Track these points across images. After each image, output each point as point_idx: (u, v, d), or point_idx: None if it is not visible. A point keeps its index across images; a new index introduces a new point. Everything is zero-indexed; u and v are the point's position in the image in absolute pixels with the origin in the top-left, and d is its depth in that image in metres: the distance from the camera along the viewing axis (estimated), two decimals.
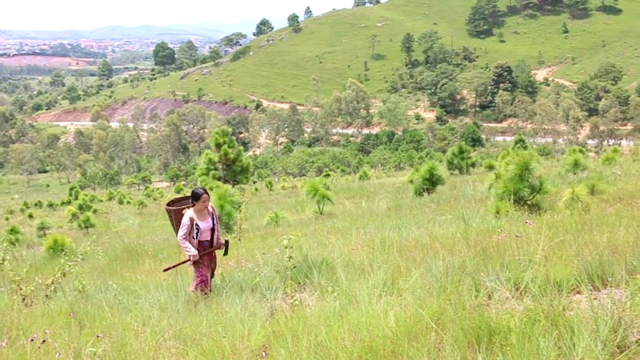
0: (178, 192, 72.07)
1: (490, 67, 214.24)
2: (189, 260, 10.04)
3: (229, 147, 45.09)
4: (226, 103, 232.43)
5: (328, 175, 66.19)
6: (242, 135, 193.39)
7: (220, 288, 9.96)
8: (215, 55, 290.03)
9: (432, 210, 20.13)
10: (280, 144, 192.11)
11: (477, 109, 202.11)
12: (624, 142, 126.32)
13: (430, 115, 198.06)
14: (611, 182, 22.31)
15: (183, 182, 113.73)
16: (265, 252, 12.83)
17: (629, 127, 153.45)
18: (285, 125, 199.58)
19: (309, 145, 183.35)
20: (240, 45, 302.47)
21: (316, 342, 5.93)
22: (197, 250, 10.11)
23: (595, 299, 6.14)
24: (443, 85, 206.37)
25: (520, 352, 5.04)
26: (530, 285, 6.68)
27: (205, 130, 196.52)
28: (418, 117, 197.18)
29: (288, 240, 9.06)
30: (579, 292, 6.76)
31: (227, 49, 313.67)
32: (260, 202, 40.15)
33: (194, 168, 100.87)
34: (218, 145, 45.09)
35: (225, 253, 10.87)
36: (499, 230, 10.85)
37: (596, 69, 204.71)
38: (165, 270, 10.84)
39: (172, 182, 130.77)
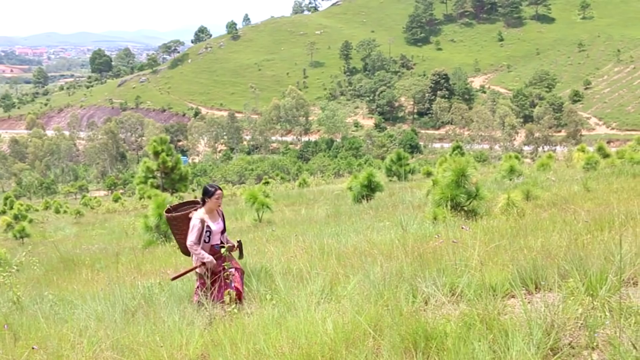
0: (116, 200, 71.25)
1: (428, 74, 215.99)
2: (201, 266, 9.10)
3: (167, 155, 44.78)
4: (164, 111, 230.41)
5: (267, 182, 66.06)
6: (180, 143, 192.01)
7: (158, 297, 9.85)
8: (153, 63, 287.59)
9: (370, 216, 20.25)
10: (219, 152, 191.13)
11: (415, 116, 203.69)
12: (558, 148, 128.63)
13: (368, 123, 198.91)
14: (546, 187, 22.70)
15: (121, 191, 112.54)
16: None
17: (563, 133, 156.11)
18: (224, 133, 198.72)
19: (248, 153, 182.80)
20: (178, 52, 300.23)
21: (255, 350, 5.93)
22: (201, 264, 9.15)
23: (529, 302, 6.25)
24: (381, 92, 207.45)
25: (456, 356, 5.11)
26: (466, 290, 6.78)
27: (144, 138, 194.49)
28: (357, 124, 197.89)
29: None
30: (513, 297, 6.87)
31: (165, 56, 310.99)
32: None
33: (132, 176, 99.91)
34: (156, 154, 44.75)
35: (241, 256, 9.73)
36: (436, 236, 10.97)
37: (531, 76, 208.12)
38: (174, 278, 9.71)
39: (109, 191, 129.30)
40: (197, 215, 9.10)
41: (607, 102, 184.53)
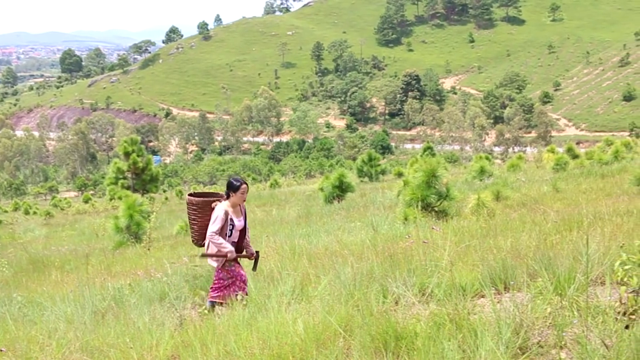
0: (86, 201, 70.79)
1: (399, 75, 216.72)
2: (225, 256, 8.56)
3: (138, 155, 44.58)
4: (135, 111, 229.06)
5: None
6: (151, 144, 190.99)
7: (128, 299, 9.80)
8: (124, 63, 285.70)
9: (341, 217, 20.28)
10: (191, 153, 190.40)
11: (387, 117, 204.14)
12: (528, 149, 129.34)
13: (340, 123, 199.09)
14: (515, 188, 22.88)
15: (91, 192, 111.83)
16: (174, 261, 12.74)
17: (533, 134, 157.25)
18: (196, 134, 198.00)
19: (220, 154, 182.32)
20: (150, 52, 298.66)
21: (225, 351, 5.92)
22: (222, 261, 8.67)
23: (498, 302, 6.28)
24: (353, 93, 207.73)
25: (426, 355, 5.13)
26: (436, 290, 6.80)
27: (114, 138, 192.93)
28: (328, 125, 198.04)
29: (199, 250, 9.01)
30: (483, 296, 6.91)
31: (136, 56, 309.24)
32: (171, 211, 39.80)
33: (103, 177, 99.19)
34: (127, 154, 44.54)
35: (255, 268, 9.19)
36: (407, 237, 11.00)
37: (501, 77, 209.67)
38: (203, 255, 8.94)
39: (80, 192, 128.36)
40: (222, 207, 8.66)
41: (576, 104, 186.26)
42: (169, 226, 28.22)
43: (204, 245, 8.87)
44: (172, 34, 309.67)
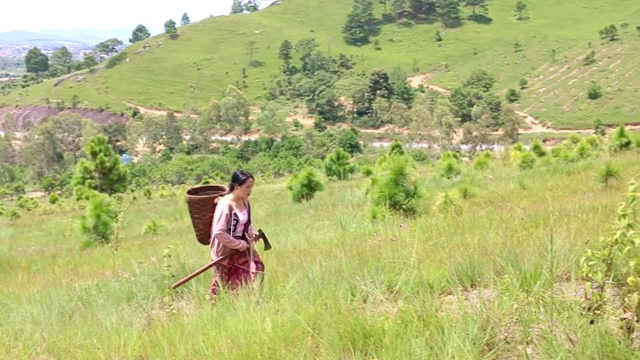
0: (53, 201, 70.14)
1: (367, 74, 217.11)
2: (222, 260, 8.34)
3: (105, 155, 44.34)
4: (102, 110, 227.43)
5: (207, 182, 65.75)
6: (119, 143, 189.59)
7: (95, 299, 9.73)
8: (91, 62, 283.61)
9: (310, 216, 20.31)
10: (159, 152, 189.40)
11: (355, 115, 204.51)
12: (495, 147, 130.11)
13: (308, 122, 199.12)
14: (483, 185, 23.05)
15: (58, 192, 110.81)
16: (142, 261, 12.68)
17: (500, 132, 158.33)
18: (163, 133, 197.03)
19: (188, 153, 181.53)
20: (116, 51, 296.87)
21: (193, 350, 5.91)
22: (224, 251, 8.40)
23: (465, 299, 6.32)
24: (321, 92, 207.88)
25: (394, 352, 5.15)
26: (403, 287, 6.83)
27: (81, 138, 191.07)
28: (297, 124, 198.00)
29: (168, 249, 8.95)
30: (450, 293, 6.94)
31: (102, 55, 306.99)
32: (138, 211, 39.60)
33: (70, 177, 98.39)
34: (94, 154, 44.33)
35: (267, 246, 8.92)
36: (375, 235, 11.05)
37: (468, 76, 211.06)
38: (175, 286, 8.70)
39: (46, 192, 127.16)
40: (225, 202, 8.33)
41: (542, 102, 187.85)
42: (137, 226, 28.09)
43: (209, 243, 8.59)
44: (139, 33, 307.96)
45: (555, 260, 6.92)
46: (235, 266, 8.44)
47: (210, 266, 8.51)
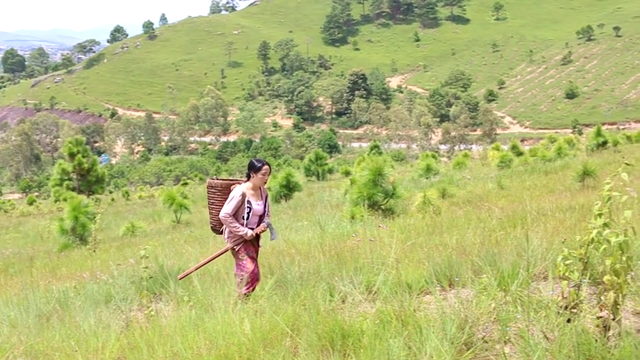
0: (30, 203, 69.63)
1: (346, 74, 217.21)
2: (232, 247, 8.08)
3: (83, 156, 44.13)
4: (80, 111, 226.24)
5: (186, 183, 65.66)
6: (97, 145, 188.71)
7: (73, 301, 9.67)
8: (68, 63, 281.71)
9: (289, 216, 20.30)
10: (137, 153, 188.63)
11: (334, 116, 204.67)
12: (474, 147, 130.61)
13: (287, 123, 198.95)
14: (461, 185, 23.13)
15: (36, 194, 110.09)
16: (120, 263, 12.62)
17: (479, 132, 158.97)
18: (142, 134, 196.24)
19: (166, 154, 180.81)
20: (94, 52, 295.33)
21: (172, 352, 5.89)
22: (239, 240, 8.09)
23: (443, 299, 6.35)
24: (300, 92, 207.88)
25: (372, 353, 5.16)
26: (382, 287, 6.85)
27: (59, 139, 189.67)
28: (275, 125, 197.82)
29: (144, 251, 8.91)
30: (429, 293, 6.96)
31: (80, 56, 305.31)
32: (117, 213, 39.41)
33: (48, 179, 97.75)
34: (72, 155, 44.10)
35: (273, 236, 8.47)
36: (354, 235, 11.07)
37: (447, 76, 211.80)
38: (181, 277, 8.54)
39: (24, 194, 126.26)
40: (240, 188, 8.08)
41: (520, 102, 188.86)
42: (115, 227, 27.96)
43: (222, 232, 8.37)
44: (117, 34, 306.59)
45: (533, 259, 6.98)
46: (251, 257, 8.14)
47: (216, 257, 8.43)
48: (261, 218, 8.27)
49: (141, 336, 6.53)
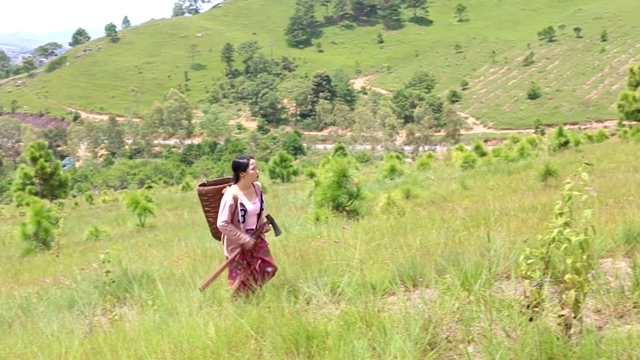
0: None
1: (310, 76, 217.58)
2: (236, 256, 7.67)
3: (45, 160, 43.70)
4: (42, 115, 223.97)
5: (150, 187, 65.21)
6: (60, 148, 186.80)
7: (36, 307, 9.57)
8: (30, 66, 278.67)
9: None
10: (100, 157, 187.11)
11: (298, 117, 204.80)
12: (438, 147, 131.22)
13: (252, 125, 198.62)
14: (425, 186, 23.23)
15: None
16: (84, 267, 12.51)
17: (443, 133, 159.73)
18: (105, 137, 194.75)
19: (130, 157, 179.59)
20: (56, 55, 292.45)
21: (136, 356, 5.86)
22: (239, 248, 7.70)
23: (408, 299, 6.37)
24: (264, 94, 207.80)
25: (337, 354, 5.16)
26: (346, 289, 6.87)
27: (21, 143, 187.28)
28: (240, 127, 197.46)
29: (105, 255, 8.83)
30: (393, 294, 6.99)
31: (41, 59, 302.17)
32: (80, 217, 39.04)
33: (10, 183, 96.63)
34: (34, 159, 43.63)
35: (277, 232, 8.05)
36: (318, 237, 11.08)
37: (410, 77, 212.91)
38: (203, 288, 7.85)
39: None
40: (231, 192, 7.68)
41: (483, 102, 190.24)
42: (79, 232, 27.68)
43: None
44: (79, 36, 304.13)
45: (495, 259, 7.04)
46: (248, 262, 7.79)
47: (228, 263, 7.80)
48: (259, 216, 7.92)
49: (105, 341, 6.48)
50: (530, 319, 5.23)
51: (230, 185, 7.84)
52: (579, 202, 5.20)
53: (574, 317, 5.12)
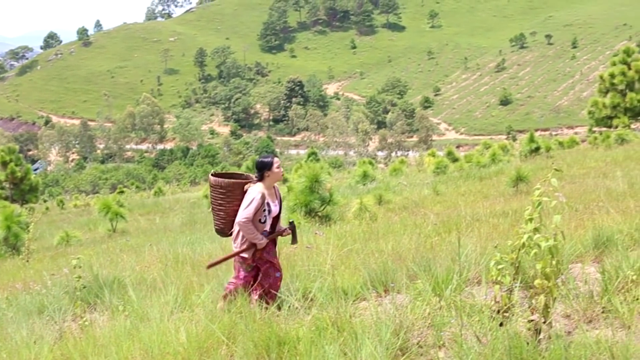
0: None
1: (283, 81, 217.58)
2: (250, 249, 7.28)
3: (16, 165, 43.42)
4: (13, 119, 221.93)
5: (122, 192, 64.81)
6: (31, 153, 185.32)
7: (5, 313, 9.49)
8: (0, 70, 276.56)
9: None
10: (72, 161, 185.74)
11: (271, 123, 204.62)
12: (410, 153, 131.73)
13: (225, 130, 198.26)
14: (397, 192, 23.30)
15: None
16: (54, 273, 12.43)
17: (415, 138, 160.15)
18: (77, 142, 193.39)
19: (102, 162, 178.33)
20: (27, 59, 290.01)
21: None
22: (252, 247, 7.33)
23: (379, 305, 6.39)
24: (237, 99, 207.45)
25: (308, 359, 5.18)
26: (318, 294, 6.87)
27: None
28: (213, 132, 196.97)
29: (76, 260, 8.78)
30: (364, 299, 7.01)
31: (12, 62, 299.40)
32: (51, 222, 38.77)
33: None
34: (4, 164, 43.34)
35: (294, 240, 7.72)
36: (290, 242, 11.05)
37: (383, 83, 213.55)
38: (210, 266, 7.81)
39: None
40: (258, 189, 7.30)
41: (455, 108, 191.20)
42: (50, 237, 27.48)
43: (230, 235, 7.60)
44: (51, 40, 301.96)
45: (466, 264, 7.09)
46: (257, 265, 7.45)
47: (240, 253, 7.35)
48: (276, 219, 7.62)
49: (75, 347, 6.44)
50: (501, 324, 5.27)
51: (254, 183, 7.47)
52: (549, 208, 5.25)
53: (544, 322, 5.16)
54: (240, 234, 7.33)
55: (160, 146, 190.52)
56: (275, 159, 7.43)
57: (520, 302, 5.70)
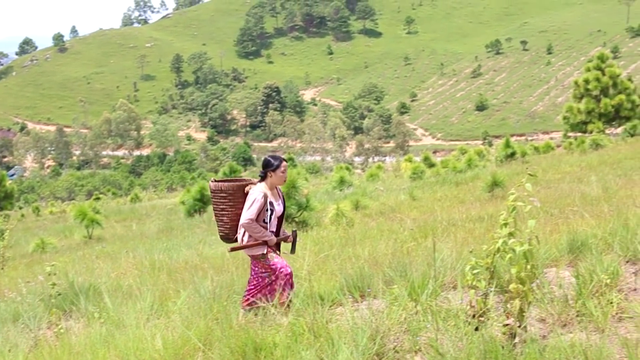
0: None
1: (260, 87, 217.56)
2: (265, 243, 7.25)
3: None
4: None
5: (98, 198, 64.42)
6: (6, 159, 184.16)
7: None
8: None
9: (203, 230, 20.21)
10: (48, 168, 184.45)
11: (248, 128, 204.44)
12: (387, 158, 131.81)
13: (201, 136, 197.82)
14: (374, 197, 23.32)
15: None
16: (29, 280, 12.35)
17: (392, 144, 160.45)
18: (52, 148, 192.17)
19: (78, 168, 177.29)
20: (2, 65, 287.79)
21: None
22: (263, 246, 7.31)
23: (355, 310, 6.39)
24: (214, 105, 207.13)
25: None
26: (294, 300, 6.87)
27: None
28: (189, 138, 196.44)
29: (52, 267, 8.72)
30: (341, 305, 7.01)
31: None
32: (27, 229, 38.47)
33: None
34: None
35: (293, 250, 7.71)
36: None
37: (360, 89, 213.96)
38: (231, 250, 7.59)
39: None
40: (260, 189, 7.29)
41: (432, 114, 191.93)
42: (25, 244, 27.27)
43: (235, 240, 7.47)
44: (26, 46, 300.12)
45: (442, 269, 7.11)
46: (276, 275, 7.34)
47: (258, 244, 7.27)
48: (280, 219, 7.63)
49: (50, 355, 6.41)
50: (476, 329, 5.29)
51: (255, 184, 7.46)
52: (523, 213, 5.28)
53: (519, 326, 5.19)
54: (247, 235, 7.29)
55: (136, 152, 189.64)
56: (284, 163, 7.44)
57: (496, 307, 5.72)
